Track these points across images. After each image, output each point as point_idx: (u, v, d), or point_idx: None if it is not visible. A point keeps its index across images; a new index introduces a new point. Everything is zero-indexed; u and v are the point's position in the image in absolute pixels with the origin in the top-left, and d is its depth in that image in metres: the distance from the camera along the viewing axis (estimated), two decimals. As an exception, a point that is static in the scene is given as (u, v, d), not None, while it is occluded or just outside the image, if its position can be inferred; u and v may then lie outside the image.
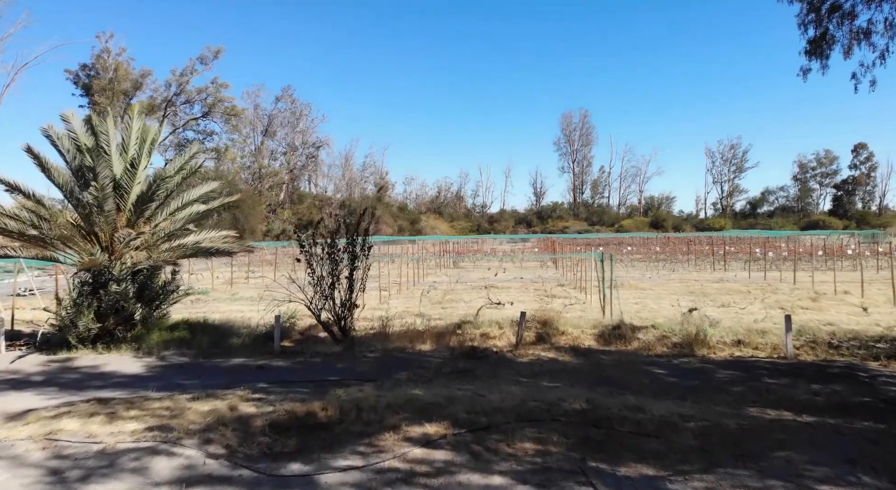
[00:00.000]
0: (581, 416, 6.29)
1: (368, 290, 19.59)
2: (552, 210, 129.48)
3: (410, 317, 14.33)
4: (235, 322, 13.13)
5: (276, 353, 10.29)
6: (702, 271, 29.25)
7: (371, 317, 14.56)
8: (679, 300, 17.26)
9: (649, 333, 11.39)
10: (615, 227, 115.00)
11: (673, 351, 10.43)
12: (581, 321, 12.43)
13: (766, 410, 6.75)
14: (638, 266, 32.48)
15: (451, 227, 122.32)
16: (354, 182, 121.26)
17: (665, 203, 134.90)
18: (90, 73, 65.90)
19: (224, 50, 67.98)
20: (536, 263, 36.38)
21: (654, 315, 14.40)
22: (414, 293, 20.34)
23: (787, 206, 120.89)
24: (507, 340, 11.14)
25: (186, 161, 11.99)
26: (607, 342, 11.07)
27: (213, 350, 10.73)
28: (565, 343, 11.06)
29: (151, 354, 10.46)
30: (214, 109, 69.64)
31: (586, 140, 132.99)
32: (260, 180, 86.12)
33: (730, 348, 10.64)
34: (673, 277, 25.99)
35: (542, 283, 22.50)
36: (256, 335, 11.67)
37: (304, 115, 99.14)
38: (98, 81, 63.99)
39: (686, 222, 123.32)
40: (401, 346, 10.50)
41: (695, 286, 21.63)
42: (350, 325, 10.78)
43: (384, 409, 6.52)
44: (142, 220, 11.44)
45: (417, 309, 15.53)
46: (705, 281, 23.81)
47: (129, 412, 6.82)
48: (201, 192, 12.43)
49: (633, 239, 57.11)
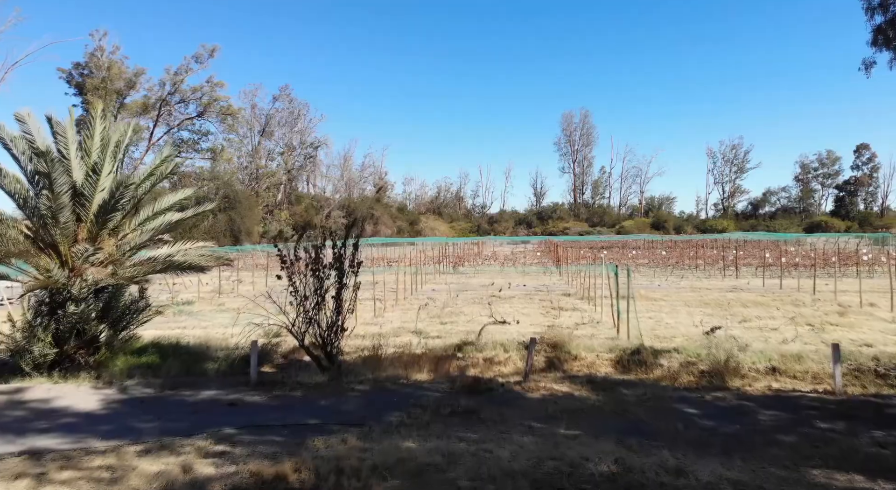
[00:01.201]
0: (611, 485, 5.10)
1: (363, 301, 18.37)
2: (553, 211, 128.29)
3: (406, 334, 13.14)
4: (213, 342, 11.93)
5: (252, 384, 9.09)
6: (712, 278, 28.06)
7: (364, 334, 13.39)
8: (696, 314, 16.08)
9: (672, 358, 10.20)
10: (616, 228, 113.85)
11: (701, 381, 9.24)
12: (595, 342, 11.24)
13: (833, 475, 5.56)
14: (645, 272, 31.29)
15: (450, 227, 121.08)
16: (353, 182, 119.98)
17: (665, 203, 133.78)
18: (83, 72, 64.64)
19: (220, 48, 66.71)
20: (539, 268, 35.19)
21: (671, 333, 13.22)
22: (412, 304, 19.15)
23: (789, 206, 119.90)
24: (513, 366, 9.95)
25: (157, 165, 10.79)
26: (626, 369, 9.88)
27: (182, 378, 9.53)
28: (579, 370, 9.87)
29: (112, 384, 9.26)
30: (210, 109, 68.34)
31: (587, 140, 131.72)
32: (257, 181, 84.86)
33: (765, 377, 9.45)
34: (683, 285, 24.80)
35: (548, 293, 21.30)
36: (235, 359, 10.47)
37: (303, 114, 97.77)
38: (91, 80, 62.75)
39: (687, 223, 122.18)
40: (394, 375, 9.30)
41: (709, 296, 20.44)
42: (337, 350, 9.57)
43: (369, 473, 5.32)
44: (106, 232, 10.23)
45: (414, 324, 14.34)
46: (718, 290, 22.61)
47: (62, 474, 5.62)
48: (175, 199, 11.23)
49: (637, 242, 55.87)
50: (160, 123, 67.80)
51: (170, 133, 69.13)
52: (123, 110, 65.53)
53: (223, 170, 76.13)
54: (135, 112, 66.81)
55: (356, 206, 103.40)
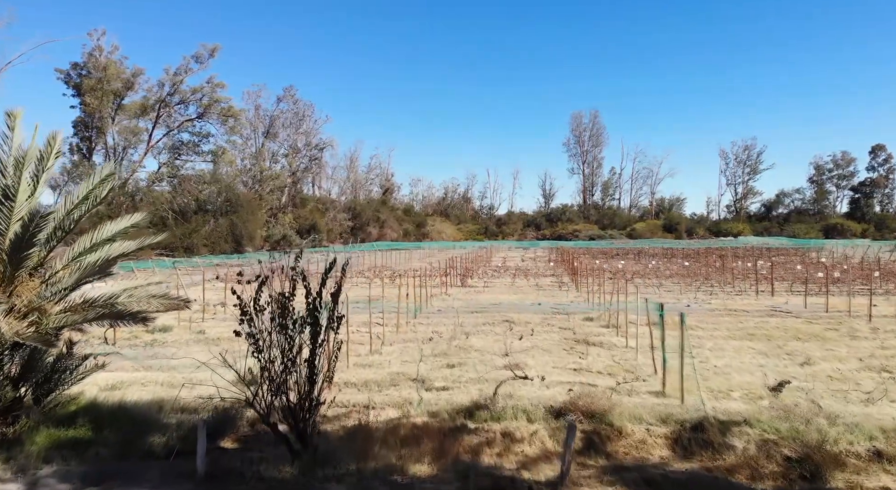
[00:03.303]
0: None
1: (359, 330, 16.23)
2: (562, 212, 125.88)
3: (406, 384, 10.95)
4: (169, 398, 9.79)
5: (198, 479, 6.93)
6: (743, 295, 25.71)
7: (356, 381, 11.24)
8: (745, 352, 13.82)
9: (744, 435, 7.95)
10: (627, 231, 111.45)
11: (791, 474, 7.00)
12: (640, 406, 9.01)
13: None
14: (668, 286, 28.95)
15: (457, 229, 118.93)
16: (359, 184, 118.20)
17: (676, 205, 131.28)
18: (81, 72, 62.94)
19: (220, 48, 64.98)
20: (553, 279, 32.91)
21: (726, 383, 10.97)
22: (415, 330, 16.98)
23: (803, 208, 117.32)
24: (540, 446, 7.75)
25: (92, 188, 8.65)
26: (687, 451, 7.65)
27: (114, 466, 7.39)
28: (626, 453, 7.66)
29: (23, 474, 7.14)
30: (210, 110, 66.53)
31: (596, 141, 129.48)
32: (260, 184, 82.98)
33: (870, 466, 7.21)
34: (714, 305, 22.48)
35: (567, 317, 19.06)
36: (189, 429, 8.34)
37: (307, 115, 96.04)
38: (89, 80, 61.02)
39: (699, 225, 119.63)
40: (387, 467, 7.11)
41: (749, 323, 18.15)
42: (312, 427, 7.40)
43: None
44: (25, 272, 8.12)
45: (416, 366, 12.17)
46: (757, 313, 20.29)
47: None
48: (120, 227, 9.09)
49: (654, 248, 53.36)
50: (160, 125, 66.00)
51: (169, 135, 67.38)
52: (122, 111, 63.85)
53: (225, 173, 74.30)
54: (133, 113, 65.14)
55: (362, 208, 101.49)
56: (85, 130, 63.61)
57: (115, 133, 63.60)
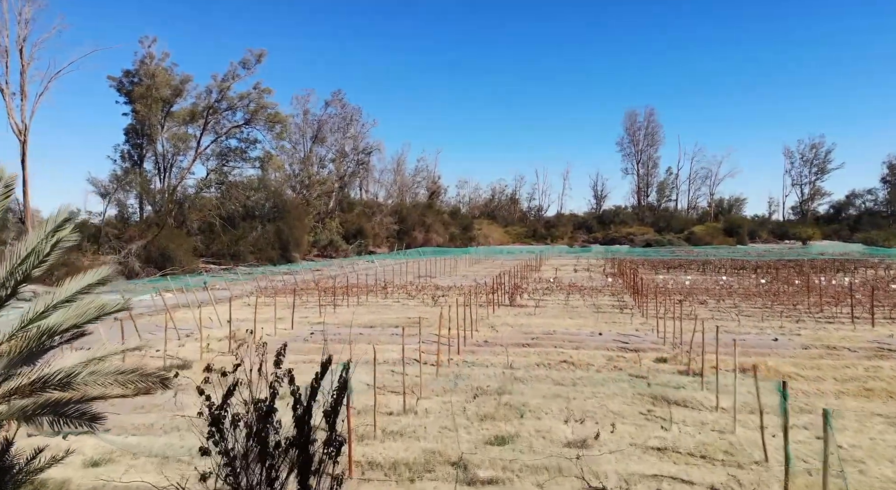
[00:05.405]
0: None
1: (392, 371, 14.16)
2: (615, 214, 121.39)
3: (443, 473, 8.74)
4: None
5: None
6: (837, 323, 22.35)
7: (382, 462, 9.12)
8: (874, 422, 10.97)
9: None
10: (685, 234, 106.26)
11: None
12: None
13: None
14: (747, 310, 25.75)
15: (505, 232, 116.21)
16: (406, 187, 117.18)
17: (736, 206, 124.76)
18: (133, 80, 63.65)
19: (266, 53, 64.55)
20: (611, 298, 30.14)
21: (863, 479, 8.29)
22: (458, 374, 14.75)
23: (875, 210, 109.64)
24: None
25: (45, 236, 6.79)
26: None
27: None
28: None
29: None
30: (257, 116, 66.23)
31: (652, 140, 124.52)
32: (308, 189, 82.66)
33: None
34: (805, 338, 19.35)
35: (637, 356, 16.46)
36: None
37: (355, 119, 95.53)
38: (139, 88, 61.59)
39: (762, 227, 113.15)
40: None
41: (856, 366, 15.13)
42: None
43: None
44: (-50, 348, 6.34)
45: (455, 434, 9.96)
46: (863, 352, 17.14)
47: None
48: (82, 284, 7.21)
49: (722, 260, 49.29)
50: (208, 132, 66.17)
51: (217, 141, 67.52)
52: (171, 118, 64.27)
53: (274, 178, 74.17)
54: (182, 120, 65.53)
55: (408, 211, 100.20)
56: (136, 137, 64.34)
57: (165, 140, 64.03)
